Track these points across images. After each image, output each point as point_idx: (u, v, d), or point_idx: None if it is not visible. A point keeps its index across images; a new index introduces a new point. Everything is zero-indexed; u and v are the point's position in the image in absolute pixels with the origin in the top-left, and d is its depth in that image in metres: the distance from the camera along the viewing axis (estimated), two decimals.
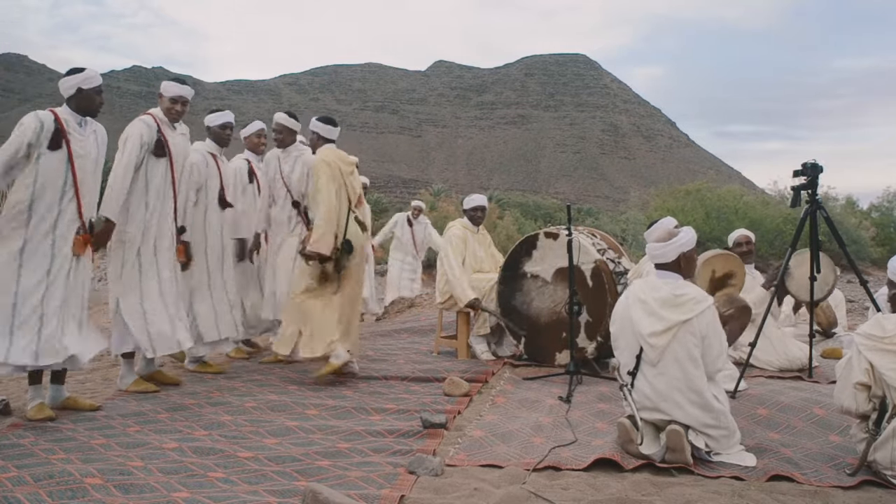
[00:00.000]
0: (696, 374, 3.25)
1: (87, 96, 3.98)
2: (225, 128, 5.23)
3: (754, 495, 2.81)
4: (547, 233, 5.56)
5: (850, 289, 11.81)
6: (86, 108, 4.00)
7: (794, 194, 4.59)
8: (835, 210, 21.41)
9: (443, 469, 3.09)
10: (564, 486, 2.90)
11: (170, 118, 4.57)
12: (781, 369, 5.17)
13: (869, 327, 3.12)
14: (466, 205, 6.28)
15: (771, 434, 3.62)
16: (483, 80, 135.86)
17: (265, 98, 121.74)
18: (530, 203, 30.41)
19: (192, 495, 2.74)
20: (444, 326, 6.18)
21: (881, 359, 3.01)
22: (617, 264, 5.45)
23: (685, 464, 3.15)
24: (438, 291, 6.02)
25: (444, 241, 6.01)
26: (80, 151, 3.93)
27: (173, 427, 3.71)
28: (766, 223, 19.35)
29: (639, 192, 27.20)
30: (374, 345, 6.42)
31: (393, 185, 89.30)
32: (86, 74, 4.00)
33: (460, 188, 60.78)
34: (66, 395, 4.08)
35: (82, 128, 3.98)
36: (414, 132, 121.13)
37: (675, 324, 3.25)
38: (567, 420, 3.89)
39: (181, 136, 4.69)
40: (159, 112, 4.57)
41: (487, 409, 4.15)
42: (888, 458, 2.96)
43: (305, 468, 3.11)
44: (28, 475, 2.87)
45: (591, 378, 4.92)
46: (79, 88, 3.96)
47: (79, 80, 3.96)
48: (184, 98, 4.60)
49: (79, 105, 3.98)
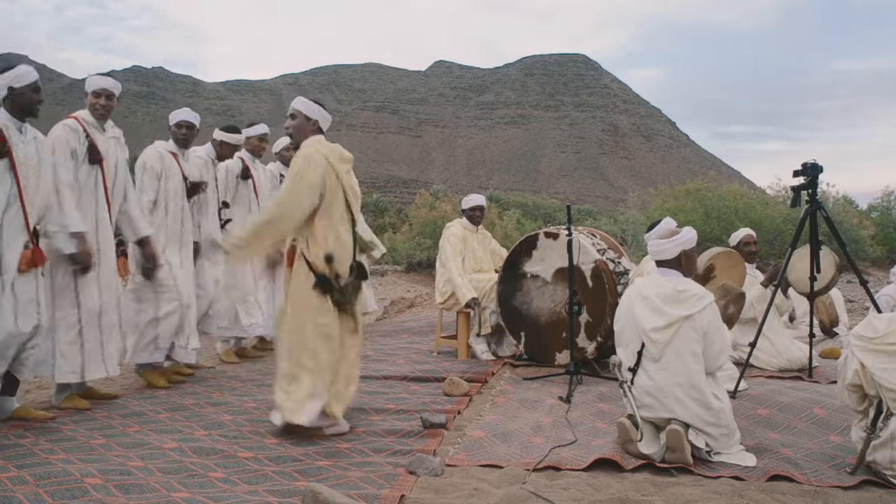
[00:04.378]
0: (696, 370, 3.27)
1: (21, 95, 3.63)
2: (180, 126, 4.88)
3: (754, 495, 2.82)
4: (547, 233, 5.56)
5: (850, 289, 11.80)
6: (22, 108, 3.65)
7: (795, 194, 4.60)
8: (827, 204, 21.37)
9: (443, 469, 3.09)
10: (564, 486, 2.90)
11: (95, 116, 4.15)
12: (781, 369, 5.18)
13: (861, 328, 3.14)
14: (465, 205, 6.29)
15: (771, 434, 3.62)
16: (483, 80, 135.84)
17: (265, 98, 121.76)
18: (530, 203, 30.40)
19: (192, 495, 2.74)
20: (444, 326, 6.19)
21: (872, 359, 3.02)
22: (617, 264, 5.45)
23: (685, 464, 3.15)
24: (438, 291, 6.03)
25: (443, 241, 6.02)
26: (23, 158, 3.61)
27: (173, 427, 3.71)
28: (766, 223, 19.32)
29: (638, 191, 27.16)
30: (374, 345, 6.42)
31: (393, 186, 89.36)
32: (15, 72, 3.64)
33: (460, 188, 60.80)
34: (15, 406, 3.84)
35: (23, 133, 3.66)
36: (414, 132, 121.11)
37: (677, 319, 3.27)
38: (567, 420, 3.89)
39: (112, 139, 4.27)
40: (85, 114, 4.16)
41: (487, 409, 4.15)
42: (888, 458, 2.96)
43: (305, 468, 3.11)
44: (28, 475, 2.87)
45: (591, 378, 4.93)
46: (10, 88, 3.61)
47: (8, 79, 3.61)
48: (108, 91, 4.17)
49: (13, 106, 3.63)
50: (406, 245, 17.84)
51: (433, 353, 6.00)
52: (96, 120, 4.18)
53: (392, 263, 17.85)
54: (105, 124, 4.24)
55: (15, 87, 3.62)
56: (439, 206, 19.01)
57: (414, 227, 18.58)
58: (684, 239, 3.45)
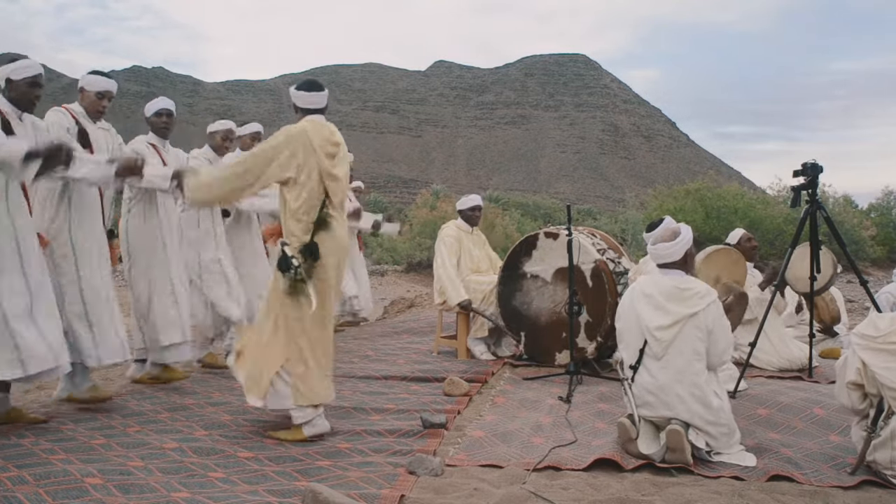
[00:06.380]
0: (698, 369, 3.28)
1: (18, 88, 3.61)
2: (160, 115, 4.71)
3: (754, 495, 2.82)
4: (547, 233, 5.56)
5: (850, 289, 11.80)
6: (18, 100, 3.63)
7: (795, 194, 4.60)
8: (827, 204, 21.36)
9: (443, 469, 3.09)
10: (564, 486, 2.90)
11: (93, 115, 4.16)
12: (781, 369, 5.18)
13: (863, 327, 3.15)
14: (463, 205, 6.28)
15: (771, 434, 3.62)
16: (483, 80, 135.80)
17: (265, 98, 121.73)
18: (530, 203, 30.36)
19: (192, 495, 2.74)
20: (443, 327, 6.19)
21: (874, 357, 3.02)
22: (617, 264, 5.46)
23: (685, 464, 3.15)
24: (436, 292, 6.04)
25: (438, 243, 6.03)
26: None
27: (174, 427, 3.71)
28: (766, 223, 19.34)
29: (636, 191, 27.19)
30: (374, 345, 6.42)
31: (393, 185, 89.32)
32: (16, 65, 3.62)
33: (460, 188, 60.75)
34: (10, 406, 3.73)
35: (22, 122, 3.66)
36: (414, 132, 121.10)
37: (682, 317, 3.27)
38: (567, 420, 3.89)
39: (102, 130, 4.24)
40: (76, 106, 4.14)
41: (487, 409, 4.16)
42: (888, 457, 2.97)
43: (305, 468, 3.11)
44: (28, 475, 2.87)
45: (591, 378, 4.93)
46: (7, 79, 3.60)
47: (7, 71, 3.60)
48: (111, 93, 4.19)
49: (11, 97, 3.63)
50: (406, 245, 17.86)
51: (433, 353, 6.00)
52: (90, 116, 4.15)
53: (392, 263, 17.86)
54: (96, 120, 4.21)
55: (12, 79, 3.61)
56: (439, 206, 19.03)
57: (414, 228, 18.60)
58: (687, 238, 3.47)
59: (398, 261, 17.92)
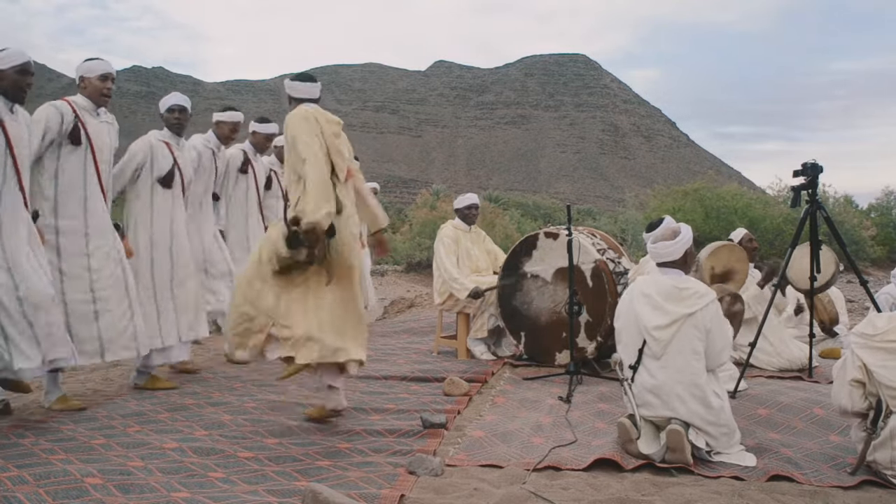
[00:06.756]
0: (698, 368, 3.28)
1: (7, 77, 3.53)
2: (172, 111, 4.66)
3: (754, 495, 2.82)
4: (547, 233, 5.57)
5: (850, 289, 11.81)
6: (8, 90, 3.56)
7: (795, 194, 4.61)
8: (827, 204, 21.38)
9: (443, 469, 3.09)
10: (564, 486, 2.90)
11: (99, 102, 4.08)
12: (781, 369, 5.19)
13: (862, 326, 3.16)
14: (460, 204, 6.31)
15: (771, 434, 3.62)
16: (483, 80, 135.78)
17: (265, 98, 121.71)
18: (530, 203, 30.38)
19: (192, 495, 2.74)
20: (443, 327, 6.19)
21: (872, 356, 3.03)
22: (617, 264, 5.46)
23: (685, 464, 3.15)
24: (436, 292, 6.04)
25: (437, 243, 6.06)
26: (16, 136, 3.56)
27: (174, 427, 3.71)
28: (766, 223, 19.35)
29: (636, 191, 27.21)
30: (374, 345, 6.42)
31: (393, 185, 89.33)
32: (2, 54, 3.54)
33: (460, 188, 60.77)
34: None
35: (13, 114, 3.59)
36: (414, 132, 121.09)
37: (680, 317, 3.27)
38: (567, 420, 3.89)
39: (105, 123, 4.15)
40: (78, 99, 4.06)
41: (487, 409, 4.16)
42: (888, 457, 2.97)
43: (305, 468, 3.11)
44: (28, 475, 2.87)
45: (591, 378, 4.93)
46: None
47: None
48: (112, 75, 4.10)
49: (1, 88, 3.55)
50: (406, 245, 17.85)
51: (433, 353, 6.01)
52: (95, 105, 4.09)
53: (392, 263, 17.86)
54: (99, 109, 4.14)
55: (1, 68, 3.53)
56: (439, 206, 19.03)
57: (414, 227, 18.60)
58: (688, 237, 3.48)
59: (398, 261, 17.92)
